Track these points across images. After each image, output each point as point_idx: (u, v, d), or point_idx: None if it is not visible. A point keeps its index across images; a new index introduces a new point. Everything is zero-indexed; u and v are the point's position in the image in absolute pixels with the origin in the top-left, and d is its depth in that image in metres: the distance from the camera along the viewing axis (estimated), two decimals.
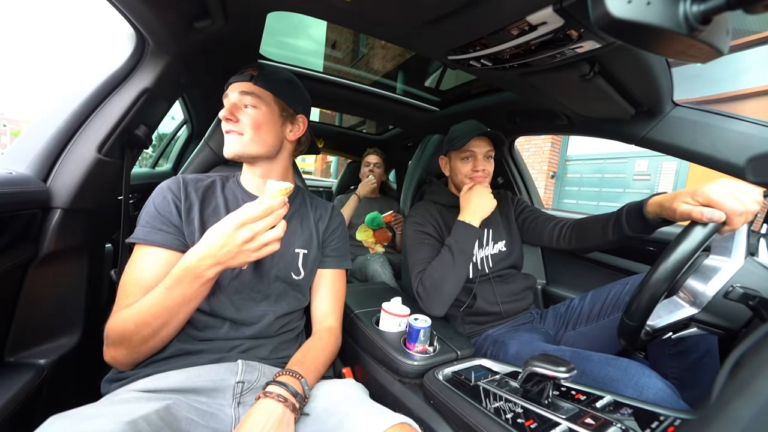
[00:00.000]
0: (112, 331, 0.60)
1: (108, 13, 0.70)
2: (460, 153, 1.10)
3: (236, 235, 0.54)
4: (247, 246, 0.55)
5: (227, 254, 0.55)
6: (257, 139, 0.74)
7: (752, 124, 0.85)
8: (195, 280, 0.57)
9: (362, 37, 2.31)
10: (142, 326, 0.58)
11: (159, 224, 0.67)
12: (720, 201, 0.63)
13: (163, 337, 0.61)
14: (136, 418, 0.47)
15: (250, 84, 0.74)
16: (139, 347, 0.60)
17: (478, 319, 1.06)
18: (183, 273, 0.57)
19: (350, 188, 2.50)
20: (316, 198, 0.92)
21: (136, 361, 0.63)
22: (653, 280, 0.65)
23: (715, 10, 0.33)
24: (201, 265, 0.56)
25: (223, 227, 0.55)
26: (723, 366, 0.45)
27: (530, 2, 0.57)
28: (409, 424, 0.56)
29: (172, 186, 0.72)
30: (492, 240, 1.12)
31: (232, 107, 0.73)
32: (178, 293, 0.57)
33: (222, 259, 0.55)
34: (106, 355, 0.61)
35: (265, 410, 0.54)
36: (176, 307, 0.58)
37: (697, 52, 0.40)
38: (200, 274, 0.56)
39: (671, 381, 0.80)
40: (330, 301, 0.83)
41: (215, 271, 0.57)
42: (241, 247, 0.55)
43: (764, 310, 0.60)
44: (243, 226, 0.54)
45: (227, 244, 0.54)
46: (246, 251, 0.55)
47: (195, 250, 0.57)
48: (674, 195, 0.73)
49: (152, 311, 0.58)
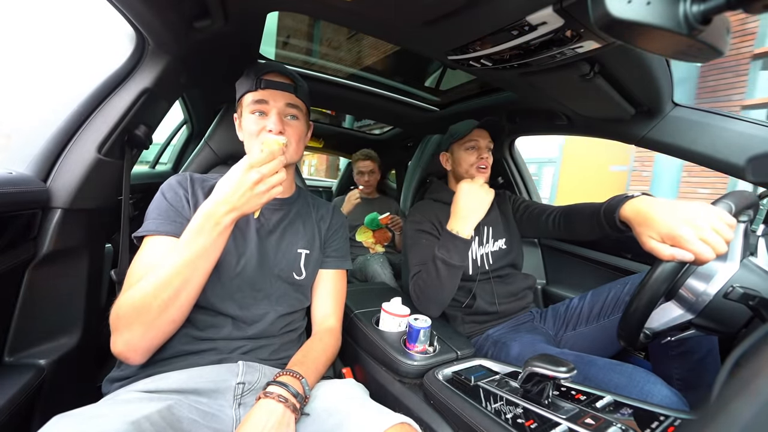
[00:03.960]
0: (125, 305, 0.57)
1: (108, 13, 0.70)
2: (464, 143, 1.09)
3: (247, 178, 0.58)
4: (258, 188, 0.59)
5: (241, 198, 0.59)
6: (298, 150, 0.77)
7: (752, 125, 0.85)
8: (214, 227, 0.59)
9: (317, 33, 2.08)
10: (163, 287, 0.57)
11: (173, 216, 0.68)
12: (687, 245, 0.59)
13: (182, 301, 0.59)
14: (139, 418, 0.47)
15: (293, 96, 0.76)
16: (158, 317, 0.57)
17: (477, 319, 1.06)
18: (203, 221, 0.59)
19: (350, 188, 2.50)
20: (317, 198, 0.92)
21: (152, 344, 0.60)
22: (652, 281, 0.65)
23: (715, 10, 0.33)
24: (218, 210, 0.59)
25: (233, 173, 0.59)
26: (723, 366, 0.45)
27: (530, 2, 0.57)
28: (409, 423, 0.56)
29: (182, 182, 0.74)
30: (492, 237, 1.12)
31: (280, 120, 0.74)
32: (200, 244, 0.59)
33: (237, 203, 0.59)
34: (117, 344, 0.58)
35: (266, 410, 0.55)
36: (197, 260, 0.59)
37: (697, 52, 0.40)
38: (218, 220, 0.59)
39: (675, 382, 0.80)
40: (331, 302, 0.83)
41: (231, 217, 0.59)
42: (252, 189, 0.59)
43: (764, 310, 0.60)
44: (252, 169, 0.59)
45: (239, 187, 0.58)
46: (257, 194, 0.59)
47: (211, 199, 0.60)
48: (644, 218, 0.67)
49: (173, 268, 0.58)
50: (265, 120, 0.74)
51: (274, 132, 0.72)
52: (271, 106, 0.74)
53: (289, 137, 0.74)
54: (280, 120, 0.74)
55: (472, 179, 1.04)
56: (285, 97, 0.75)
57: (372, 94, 1.48)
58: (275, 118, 0.73)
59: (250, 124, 0.74)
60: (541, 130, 1.41)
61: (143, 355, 0.60)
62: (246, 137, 0.77)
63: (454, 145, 1.12)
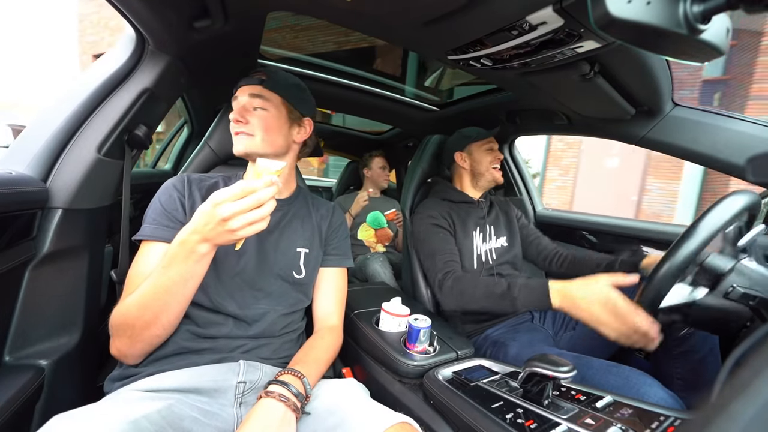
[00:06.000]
0: (115, 319, 0.60)
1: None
2: (483, 145, 1.18)
3: (215, 213, 0.53)
4: (228, 225, 0.54)
5: (211, 231, 0.55)
6: (267, 140, 0.77)
7: (753, 124, 0.85)
8: (189, 255, 0.56)
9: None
10: (143, 309, 0.58)
11: (165, 221, 0.69)
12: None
13: (164, 323, 0.60)
14: (138, 418, 0.48)
15: (260, 87, 0.76)
16: (141, 333, 0.60)
17: (476, 318, 1.07)
18: (177, 249, 0.57)
19: (350, 188, 2.50)
20: (317, 197, 0.93)
21: (141, 352, 0.63)
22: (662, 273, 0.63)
23: (715, 10, 0.33)
24: (191, 239, 0.56)
25: (204, 205, 0.55)
26: (723, 366, 0.45)
27: (530, 2, 0.57)
28: (409, 423, 0.56)
29: (177, 184, 0.74)
30: (494, 234, 1.17)
31: (242, 109, 0.75)
32: (175, 271, 0.57)
33: (208, 235, 0.55)
34: (112, 347, 0.62)
35: (267, 410, 0.55)
36: (173, 286, 0.58)
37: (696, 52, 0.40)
38: (192, 249, 0.56)
39: (676, 382, 0.80)
40: (332, 300, 0.83)
41: (206, 247, 0.56)
42: (222, 225, 0.54)
43: (764, 310, 0.60)
44: (221, 204, 0.53)
45: (209, 221, 0.54)
46: (229, 230, 0.54)
47: (186, 227, 0.57)
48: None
49: (152, 292, 0.58)
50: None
51: (234, 121, 0.74)
52: (238, 101, 0.77)
53: (254, 127, 0.75)
54: (242, 111, 0.75)
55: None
56: (249, 89, 0.77)
57: (372, 94, 1.48)
58: (238, 109, 0.76)
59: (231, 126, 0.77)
60: (540, 130, 1.41)
61: (136, 359, 0.63)
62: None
63: (472, 146, 1.19)
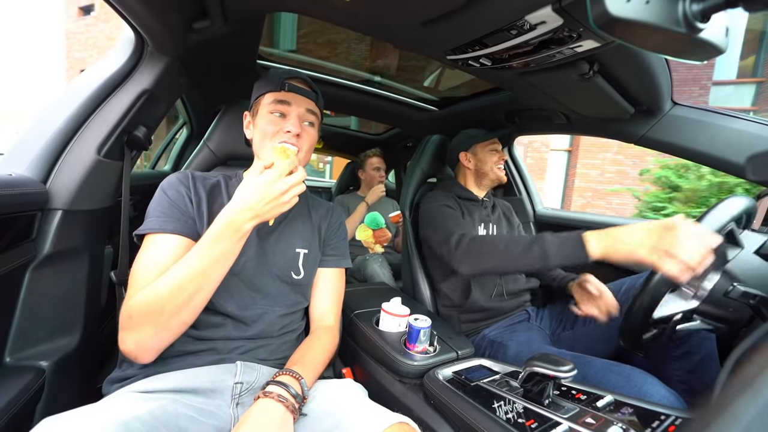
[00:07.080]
0: (137, 306, 0.57)
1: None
2: (488, 145, 1.21)
3: (275, 187, 0.59)
4: (283, 198, 0.60)
5: (266, 206, 0.60)
6: (307, 157, 0.78)
7: (752, 123, 0.85)
8: (234, 234, 0.59)
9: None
10: (177, 291, 0.57)
11: (176, 213, 0.68)
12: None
13: (196, 305, 0.60)
14: (128, 419, 0.47)
15: (314, 104, 0.78)
16: (170, 319, 0.58)
17: (473, 317, 1.07)
18: (223, 228, 0.59)
19: (349, 189, 2.49)
20: (316, 198, 0.92)
21: (163, 344, 0.60)
22: (656, 280, 0.65)
23: (715, 9, 0.33)
24: (240, 218, 0.59)
25: (260, 182, 0.60)
26: (724, 365, 0.45)
27: (529, 2, 0.57)
28: (407, 423, 0.56)
29: (183, 179, 0.73)
30: (495, 227, 1.19)
31: (299, 123, 0.74)
32: (218, 250, 0.59)
33: (260, 211, 0.59)
34: (127, 342, 0.58)
35: (265, 410, 0.54)
36: (213, 266, 0.59)
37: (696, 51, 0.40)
38: (240, 227, 0.59)
39: (676, 384, 0.80)
40: (329, 300, 0.83)
41: (253, 224, 0.60)
42: (278, 199, 0.60)
43: (765, 309, 0.60)
44: (277, 181, 0.60)
45: (265, 196, 0.59)
46: (282, 203, 0.61)
47: (232, 206, 0.60)
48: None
49: (189, 273, 0.57)
50: (284, 122, 0.74)
51: (292, 133, 0.72)
52: (292, 108, 0.75)
53: (303, 143, 0.74)
54: (300, 123, 0.74)
55: None
56: (306, 103, 0.76)
57: (371, 95, 1.48)
58: (295, 120, 0.74)
59: (266, 123, 0.74)
60: (540, 130, 1.41)
61: (153, 355, 0.61)
62: (258, 136, 0.76)
63: (477, 147, 1.21)
